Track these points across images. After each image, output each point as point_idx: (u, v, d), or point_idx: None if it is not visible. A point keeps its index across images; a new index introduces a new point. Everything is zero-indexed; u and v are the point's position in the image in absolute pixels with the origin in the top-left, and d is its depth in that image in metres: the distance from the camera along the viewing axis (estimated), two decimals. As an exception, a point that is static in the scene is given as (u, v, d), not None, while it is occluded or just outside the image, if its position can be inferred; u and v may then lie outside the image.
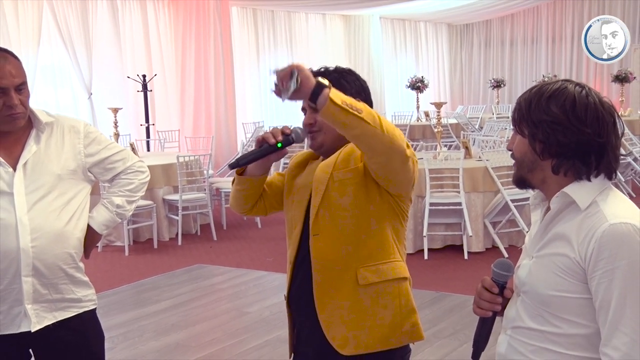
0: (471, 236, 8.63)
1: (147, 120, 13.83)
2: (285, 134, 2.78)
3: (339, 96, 2.49)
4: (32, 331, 3.09)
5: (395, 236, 2.92)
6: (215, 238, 10.18)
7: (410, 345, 3.01)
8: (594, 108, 2.12)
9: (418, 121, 17.50)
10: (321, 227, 2.86)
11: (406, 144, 2.67)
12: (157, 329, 6.61)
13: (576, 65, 21.91)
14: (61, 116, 3.29)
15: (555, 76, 19.09)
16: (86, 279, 3.27)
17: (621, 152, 2.23)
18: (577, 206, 2.13)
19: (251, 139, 13.84)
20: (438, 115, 10.52)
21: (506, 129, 13.50)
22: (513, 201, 8.45)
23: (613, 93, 18.97)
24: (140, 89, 13.78)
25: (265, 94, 17.87)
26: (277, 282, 7.97)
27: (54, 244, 3.08)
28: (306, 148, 4.37)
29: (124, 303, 7.44)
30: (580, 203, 2.12)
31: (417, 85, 17.87)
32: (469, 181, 8.78)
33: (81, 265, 3.24)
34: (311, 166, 3.03)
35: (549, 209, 2.22)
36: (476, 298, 2.33)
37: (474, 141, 12.25)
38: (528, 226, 8.35)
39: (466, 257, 8.64)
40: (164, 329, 6.59)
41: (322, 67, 2.96)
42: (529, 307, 2.22)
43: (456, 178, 8.66)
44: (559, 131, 2.12)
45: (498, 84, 20.69)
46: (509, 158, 2.34)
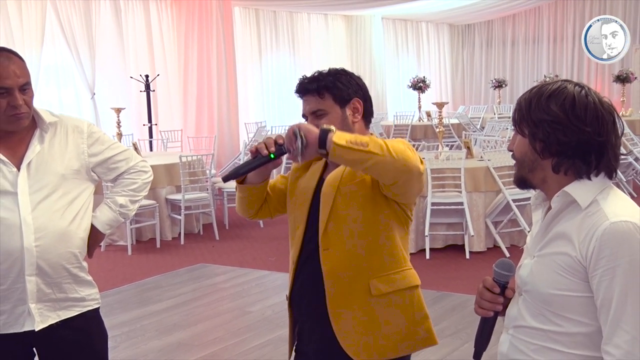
0: (473, 236, 8.64)
1: (149, 120, 13.83)
2: (278, 144, 2.73)
3: (343, 137, 2.54)
4: (36, 330, 3.09)
5: (402, 242, 2.95)
6: (217, 237, 10.20)
7: None
8: (593, 107, 2.12)
9: (420, 121, 17.49)
10: (331, 241, 2.87)
11: (419, 158, 2.68)
12: (160, 328, 6.63)
13: (577, 66, 21.90)
14: (65, 116, 3.29)
15: (556, 76, 19.08)
16: (89, 278, 3.28)
17: (622, 152, 2.22)
18: (578, 205, 2.13)
19: (253, 138, 13.84)
20: (440, 115, 10.53)
21: (507, 129, 13.51)
22: (514, 201, 8.46)
23: (614, 93, 18.95)
24: (143, 89, 13.78)
25: (267, 93, 17.88)
26: (279, 281, 7.98)
27: (57, 243, 3.09)
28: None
29: (127, 302, 7.46)
30: (581, 202, 2.12)
31: (419, 86, 17.86)
32: (470, 181, 8.79)
33: (85, 264, 3.25)
34: (314, 168, 3.05)
35: (550, 208, 2.23)
36: (477, 298, 2.34)
37: (476, 141, 12.25)
38: (529, 226, 8.39)
39: (468, 256, 8.66)
40: (166, 328, 6.61)
41: (315, 72, 2.96)
42: (530, 306, 2.22)
43: (458, 178, 8.67)
44: (559, 130, 2.12)
45: (499, 84, 20.68)
46: (510, 158, 2.35)
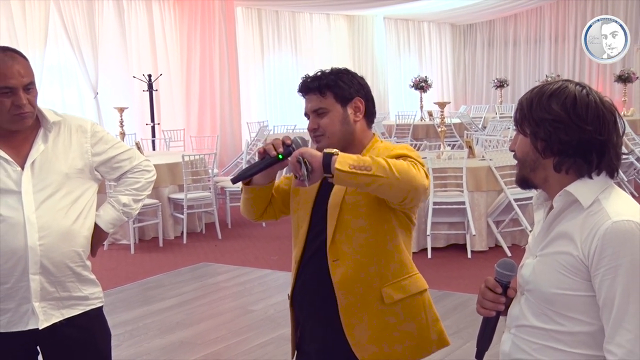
0: (474, 235, 8.65)
1: (152, 120, 13.85)
2: (286, 144, 2.76)
3: (346, 162, 2.55)
4: (40, 328, 3.10)
5: (406, 248, 2.96)
6: (220, 236, 10.21)
7: None
8: (594, 106, 2.13)
9: (422, 121, 17.51)
10: (340, 251, 2.87)
11: (424, 173, 2.69)
12: (162, 326, 6.64)
13: (579, 65, 21.88)
14: (68, 115, 3.29)
15: (558, 76, 19.10)
16: (93, 276, 3.28)
17: (623, 151, 2.21)
18: (580, 204, 2.14)
19: (256, 138, 13.86)
20: (441, 115, 10.54)
21: (509, 128, 13.51)
22: (516, 200, 8.47)
23: (616, 93, 18.96)
24: (145, 88, 13.81)
25: (269, 93, 17.90)
26: (282, 280, 7.99)
27: (61, 242, 3.09)
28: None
29: (130, 301, 7.47)
30: (583, 201, 2.13)
31: (421, 85, 17.88)
32: (472, 180, 8.80)
33: (88, 263, 3.25)
34: None
35: (551, 208, 2.23)
36: (479, 298, 2.34)
37: (477, 141, 12.26)
38: (531, 225, 8.42)
39: (469, 256, 8.66)
40: (169, 327, 6.62)
41: (318, 71, 2.97)
42: (533, 305, 2.22)
43: (459, 177, 8.68)
44: (560, 129, 2.12)
45: (501, 84, 20.68)
46: (512, 157, 2.35)
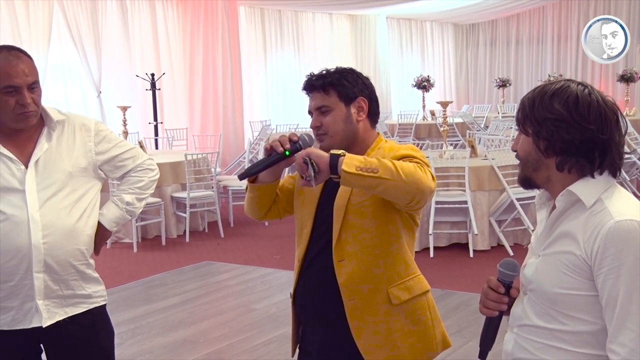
0: (477, 234, 8.66)
1: (155, 119, 13.87)
2: (292, 141, 2.78)
3: (353, 163, 2.55)
4: (44, 326, 3.11)
5: (409, 248, 2.96)
6: (222, 235, 10.23)
7: None
8: (596, 105, 2.13)
9: (424, 120, 17.52)
10: (345, 252, 2.87)
11: (430, 176, 2.68)
12: (165, 325, 6.65)
13: (581, 65, 21.86)
14: (72, 114, 3.30)
15: (560, 75, 19.09)
16: (96, 275, 3.29)
17: (625, 151, 2.21)
18: (583, 204, 2.14)
19: (258, 137, 13.86)
20: (444, 114, 10.57)
21: (511, 128, 13.50)
22: (518, 200, 8.47)
23: (618, 93, 18.95)
24: (148, 87, 13.83)
25: (272, 92, 17.91)
26: (284, 279, 8.00)
27: (65, 240, 3.10)
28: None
29: (133, 299, 7.48)
30: (586, 201, 2.13)
31: (423, 85, 17.89)
32: (474, 180, 8.80)
33: (91, 261, 3.26)
34: None
35: (554, 207, 2.23)
36: (482, 298, 2.34)
37: (480, 140, 12.26)
38: (533, 225, 8.42)
39: (471, 255, 8.67)
40: (171, 325, 6.63)
41: (323, 70, 2.98)
42: (535, 305, 2.22)
43: (462, 177, 8.68)
44: (562, 128, 2.12)
45: (504, 84, 20.68)
46: (514, 157, 2.35)
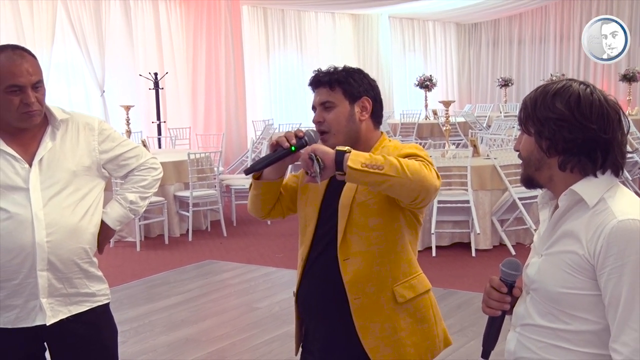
0: (479, 234, 8.66)
1: (158, 118, 13.88)
2: (298, 137, 2.79)
3: (358, 160, 2.54)
4: (47, 325, 3.12)
5: (412, 246, 2.97)
6: (225, 234, 10.24)
7: None
8: (598, 105, 2.13)
9: (426, 119, 17.52)
10: (350, 250, 2.87)
11: (435, 174, 2.69)
12: (168, 323, 6.67)
13: (584, 65, 21.84)
14: (76, 113, 3.31)
15: (563, 75, 19.08)
16: (100, 273, 3.30)
17: (628, 150, 2.21)
18: (585, 203, 2.14)
19: (261, 136, 13.88)
20: (446, 114, 10.55)
21: (514, 127, 13.49)
22: (520, 199, 8.48)
23: (620, 92, 18.95)
24: (152, 86, 13.84)
25: (275, 91, 17.92)
26: (287, 278, 8.02)
27: (68, 238, 3.11)
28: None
29: (135, 298, 7.50)
30: (588, 200, 2.13)
31: (426, 84, 17.90)
32: (476, 179, 8.81)
33: (95, 260, 3.27)
34: None
35: (557, 207, 2.23)
36: (485, 297, 2.34)
37: (482, 139, 12.28)
38: (535, 224, 8.43)
39: (474, 254, 8.68)
40: (174, 324, 6.65)
41: (330, 67, 2.99)
42: (538, 304, 2.23)
43: (464, 176, 8.69)
44: (564, 128, 2.12)
45: (506, 83, 20.68)
46: (516, 156, 2.35)
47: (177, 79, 14.91)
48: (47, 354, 3.33)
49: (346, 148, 2.58)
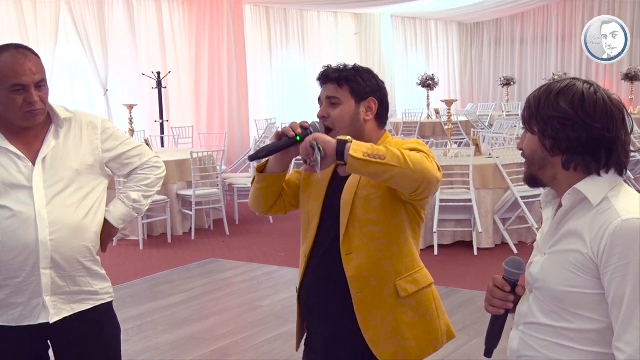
0: (481, 232, 8.67)
1: (161, 117, 13.88)
2: (304, 127, 2.79)
3: (360, 149, 2.54)
4: (51, 322, 3.12)
5: (415, 241, 2.97)
6: (227, 233, 10.25)
7: None
8: (602, 104, 2.13)
9: (428, 118, 17.52)
10: (353, 245, 2.87)
11: (436, 166, 2.69)
12: (171, 322, 6.68)
13: (586, 64, 21.81)
14: (79, 112, 3.31)
15: (565, 74, 19.08)
16: (103, 272, 3.30)
17: (631, 149, 2.21)
18: (589, 202, 2.13)
19: (263, 135, 13.89)
20: (448, 113, 10.55)
21: (516, 126, 13.51)
22: (523, 198, 8.48)
23: (623, 91, 18.94)
24: (154, 85, 13.84)
25: (277, 91, 17.92)
26: (289, 276, 8.03)
27: (72, 237, 3.11)
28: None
29: (139, 296, 7.51)
30: (592, 199, 2.13)
31: (428, 83, 17.91)
32: (479, 178, 8.81)
33: (98, 258, 3.27)
34: None
35: (560, 206, 2.23)
36: (488, 296, 2.34)
37: (484, 138, 12.27)
38: (537, 223, 8.43)
39: (476, 253, 8.68)
40: (177, 322, 6.66)
41: (340, 64, 2.99)
42: (541, 303, 2.22)
43: (466, 175, 8.69)
44: (568, 127, 2.12)
45: (508, 82, 20.68)
46: (518, 155, 2.35)
47: (180, 78, 14.93)
48: (50, 352, 3.33)
49: (348, 138, 2.57)
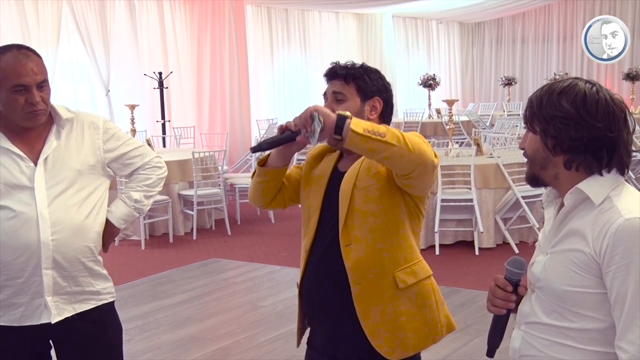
0: (482, 232, 8.66)
1: (163, 117, 13.89)
2: None
3: (361, 125, 2.53)
4: (52, 323, 3.13)
5: (414, 235, 2.97)
6: (229, 233, 10.26)
7: None
8: (604, 103, 2.13)
9: (430, 118, 17.53)
10: (352, 236, 2.87)
11: (433, 152, 2.69)
12: (173, 321, 6.68)
13: (587, 63, 21.80)
14: (81, 112, 3.31)
15: (566, 74, 19.09)
16: (105, 272, 3.31)
17: (632, 149, 2.21)
18: (591, 202, 2.14)
19: (265, 135, 13.89)
20: (450, 113, 10.57)
21: (517, 126, 13.52)
22: (524, 198, 8.49)
23: (624, 91, 18.94)
24: (156, 86, 13.85)
25: (278, 91, 17.93)
26: (290, 276, 8.03)
27: (73, 237, 3.12)
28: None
29: (140, 296, 7.51)
30: (594, 199, 2.13)
31: (429, 83, 17.91)
32: (480, 178, 8.81)
33: (100, 258, 3.27)
34: (328, 158, 3.08)
35: (562, 205, 2.23)
36: (490, 296, 2.34)
37: (485, 138, 12.28)
38: (539, 222, 8.44)
39: (477, 253, 8.68)
40: (179, 322, 6.66)
41: (348, 62, 2.99)
42: (543, 302, 2.22)
43: (467, 175, 8.69)
44: (570, 126, 2.12)
45: (509, 82, 20.69)
46: (520, 155, 2.36)
47: (182, 78, 14.94)
48: (52, 352, 3.34)
49: (347, 113, 2.57)
